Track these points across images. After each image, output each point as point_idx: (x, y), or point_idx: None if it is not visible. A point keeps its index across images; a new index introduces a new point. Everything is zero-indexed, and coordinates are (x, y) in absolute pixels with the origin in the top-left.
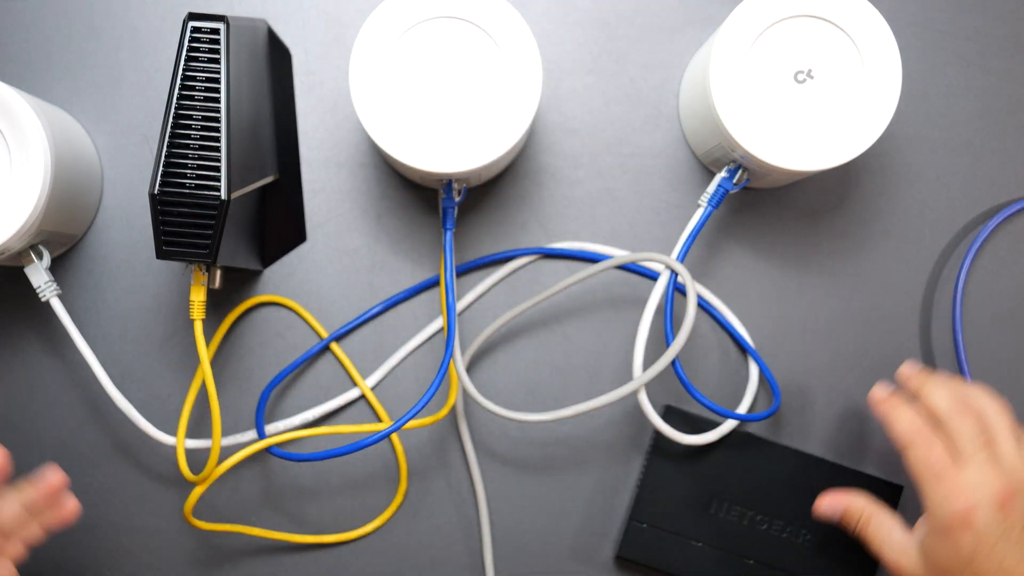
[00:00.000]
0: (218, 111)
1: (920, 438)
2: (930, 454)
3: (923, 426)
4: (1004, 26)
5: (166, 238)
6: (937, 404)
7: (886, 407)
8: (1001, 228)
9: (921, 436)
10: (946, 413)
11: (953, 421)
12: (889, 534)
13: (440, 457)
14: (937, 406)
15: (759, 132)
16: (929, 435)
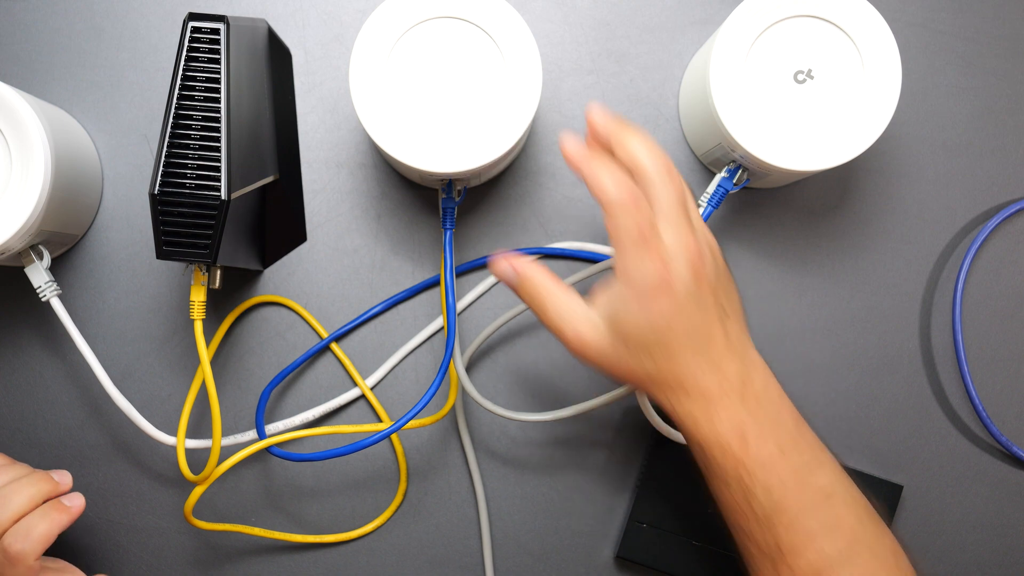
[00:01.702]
0: (218, 111)
1: (631, 202)
2: (640, 219)
3: (633, 188)
4: (1004, 26)
5: (166, 238)
6: (643, 164)
7: (587, 164)
8: (1001, 228)
9: (631, 198)
10: (651, 174)
11: (657, 185)
12: (570, 308)
13: (440, 457)
14: (643, 166)
15: (759, 132)
16: (639, 199)
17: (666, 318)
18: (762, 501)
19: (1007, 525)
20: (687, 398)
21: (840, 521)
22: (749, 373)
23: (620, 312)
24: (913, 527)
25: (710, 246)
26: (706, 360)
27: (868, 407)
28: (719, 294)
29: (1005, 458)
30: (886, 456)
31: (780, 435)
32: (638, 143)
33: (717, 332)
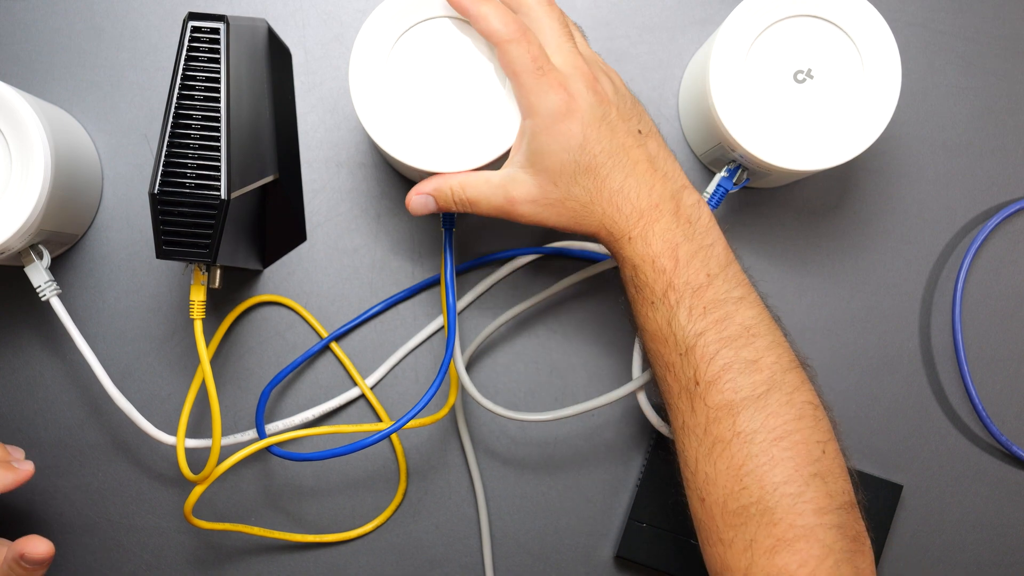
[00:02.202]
0: (218, 111)
1: (520, 34)
2: (531, 49)
3: (520, 22)
4: (1004, 26)
5: (166, 238)
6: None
7: (472, 5)
8: (1001, 228)
9: (520, 32)
10: (531, 5)
11: (539, 16)
12: (486, 182)
13: (440, 457)
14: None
15: (759, 132)
16: (527, 30)
17: (578, 138)
18: (684, 326)
19: (1007, 525)
20: (621, 217)
21: (759, 360)
22: (679, 192)
23: (535, 150)
24: (913, 527)
25: (606, 72)
26: (635, 179)
27: (868, 407)
28: (628, 115)
29: (1005, 458)
30: (886, 456)
31: (710, 261)
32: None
33: (637, 152)
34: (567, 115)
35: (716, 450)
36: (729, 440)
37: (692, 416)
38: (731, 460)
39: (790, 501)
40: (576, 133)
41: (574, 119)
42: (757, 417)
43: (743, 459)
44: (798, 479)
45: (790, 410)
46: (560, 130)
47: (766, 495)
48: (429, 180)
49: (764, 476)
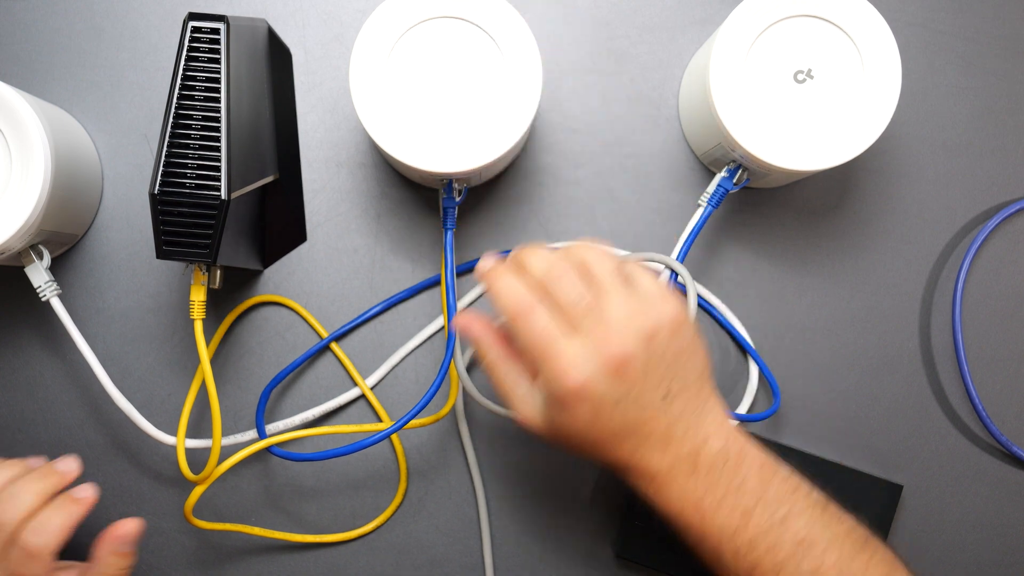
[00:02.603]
0: (218, 111)
1: (524, 309)
2: (536, 325)
3: (528, 296)
4: (1004, 26)
5: (166, 238)
6: (536, 268)
7: (491, 277)
8: (1001, 228)
9: (525, 307)
10: (546, 276)
11: (554, 284)
12: (516, 386)
13: (440, 457)
14: (536, 269)
15: (759, 132)
16: (533, 305)
17: (588, 422)
18: (734, 564)
19: (1007, 525)
20: (636, 478)
21: (821, 565)
22: (701, 445)
23: (548, 410)
24: (913, 527)
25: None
26: (647, 448)
27: (868, 407)
28: (655, 383)
29: (1005, 458)
30: (886, 456)
31: (743, 499)
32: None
33: (653, 424)
34: (575, 400)
35: None
36: None
37: None
38: None
39: None
40: (586, 417)
41: (583, 404)
42: None
43: None
44: None
45: None
46: (569, 411)
47: None
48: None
49: None
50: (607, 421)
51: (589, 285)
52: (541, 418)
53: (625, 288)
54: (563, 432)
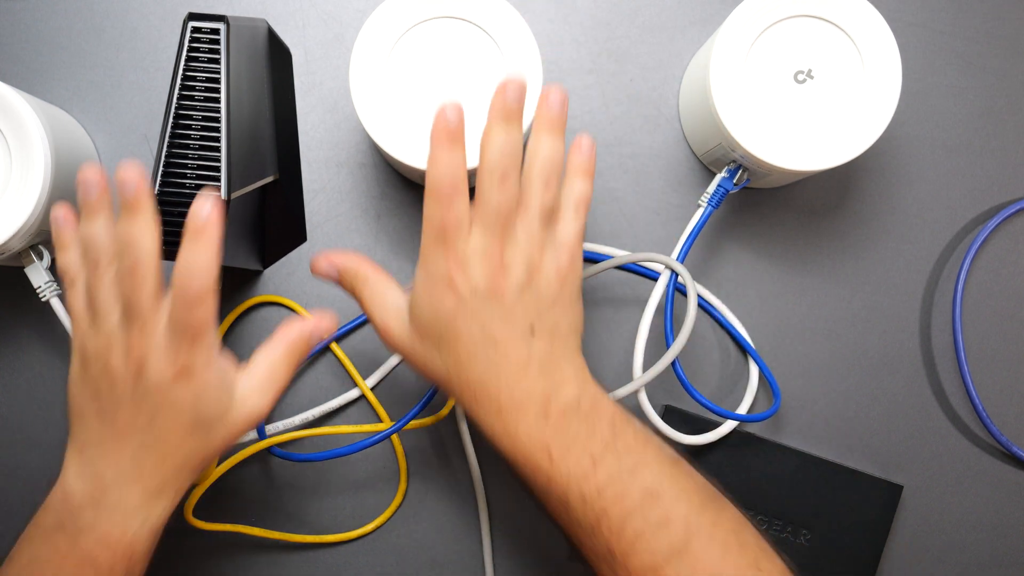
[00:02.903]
0: (218, 111)
1: (447, 195)
2: (447, 215)
3: (456, 183)
4: (1004, 26)
5: (166, 238)
6: (491, 151)
7: (441, 140)
8: (1001, 228)
9: (449, 193)
10: (492, 167)
11: (493, 181)
12: (383, 296)
13: (440, 457)
14: (490, 153)
15: (759, 132)
16: (456, 196)
17: (450, 314)
18: (582, 510)
19: (1007, 525)
20: (481, 409)
21: (669, 516)
22: (555, 389)
23: (414, 297)
24: (913, 527)
25: (558, 269)
26: (499, 371)
27: (868, 407)
28: (532, 316)
29: (1005, 458)
30: (886, 456)
31: (592, 446)
32: (495, 132)
33: (515, 347)
34: (447, 289)
35: None
36: None
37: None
38: None
39: None
40: (449, 308)
41: (452, 296)
42: (683, 569)
43: None
44: None
45: (713, 549)
46: (436, 297)
47: None
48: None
49: None
50: (466, 322)
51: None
52: (405, 322)
53: (541, 223)
54: (421, 326)
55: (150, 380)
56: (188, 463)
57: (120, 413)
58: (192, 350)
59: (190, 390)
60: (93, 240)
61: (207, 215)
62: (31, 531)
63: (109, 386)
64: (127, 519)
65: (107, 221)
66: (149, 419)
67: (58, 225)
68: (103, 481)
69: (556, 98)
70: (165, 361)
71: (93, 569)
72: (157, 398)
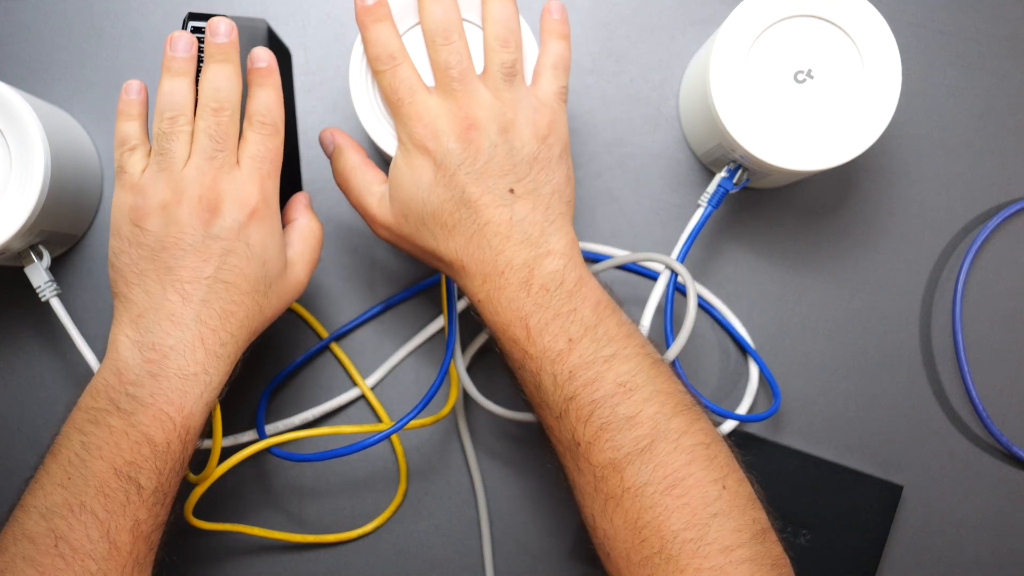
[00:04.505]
0: None
1: (388, 63)
2: (399, 75)
3: (395, 50)
4: (1004, 26)
5: None
6: (431, 17)
7: (365, 17)
8: (1001, 228)
9: (390, 61)
10: (435, 33)
11: (440, 46)
12: (365, 180)
13: (440, 457)
14: (431, 20)
15: (759, 132)
16: (398, 60)
17: (428, 181)
18: (552, 392)
19: (1007, 525)
20: (468, 278)
21: (638, 413)
22: (538, 259)
23: (395, 177)
24: (913, 527)
25: (535, 127)
26: (482, 239)
27: (868, 407)
28: (502, 170)
29: (1005, 458)
30: (886, 456)
31: (570, 326)
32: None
33: (492, 211)
34: (423, 150)
35: (609, 507)
36: (620, 496)
37: (580, 475)
38: (625, 516)
39: (693, 546)
40: (427, 172)
41: (428, 161)
42: (644, 470)
43: (637, 513)
44: (697, 523)
45: (678, 456)
46: (414, 163)
47: (667, 544)
48: (348, 137)
49: (661, 526)
50: (446, 186)
51: (469, 56)
52: (387, 204)
53: (506, 82)
54: (404, 203)
55: (225, 219)
56: (249, 322)
57: (186, 264)
58: (264, 186)
59: (261, 231)
60: (177, 94)
61: (268, 57)
62: (78, 416)
63: (177, 236)
64: (187, 388)
65: (191, 81)
66: (218, 265)
67: (130, 93)
68: (163, 348)
69: None
70: (240, 198)
71: (151, 448)
72: (230, 239)
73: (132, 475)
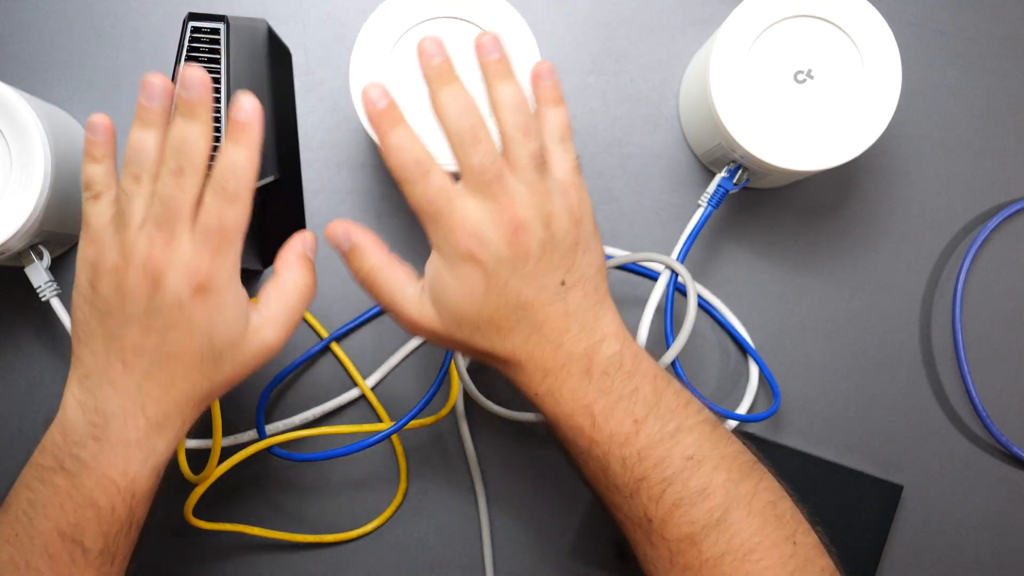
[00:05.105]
0: (218, 111)
1: (417, 171)
2: (432, 186)
3: (421, 156)
4: (1004, 26)
5: None
6: (451, 114)
7: (381, 126)
8: (1001, 228)
9: (418, 169)
10: (460, 132)
11: (467, 146)
12: (397, 284)
13: (440, 457)
14: (451, 117)
15: (759, 132)
16: (427, 166)
17: (481, 292)
18: (621, 475)
19: (1007, 525)
20: (526, 374)
21: (709, 484)
22: (596, 346)
23: (439, 287)
24: (913, 527)
25: (570, 211)
26: (541, 337)
27: (868, 407)
28: (553, 266)
29: (1005, 458)
30: (886, 456)
31: (635, 407)
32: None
33: (549, 309)
34: (470, 264)
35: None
36: (698, 568)
37: (653, 549)
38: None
39: None
40: (479, 286)
41: (478, 270)
42: (721, 540)
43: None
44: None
45: (752, 521)
46: (462, 273)
47: None
48: (364, 231)
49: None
50: (500, 294)
51: (505, 145)
52: (432, 311)
53: (538, 173)
54: (456, 314)
55: (167, 294)
56: (195, 394)
57: (129, 333)
58: (216, 261)
59: (207, 308)
60: (144, 149)
61: (252, 109)
62: (28, 473)
63: (120, 303)
64: (129, 454)
65: (162, 133)
66: (160, 339)
67: (96, 133)
68: (105, 413)
69: (487, 41)
70: (186, 273)
71: (94, 511)
72: (171, 315)
73: (76, 537)
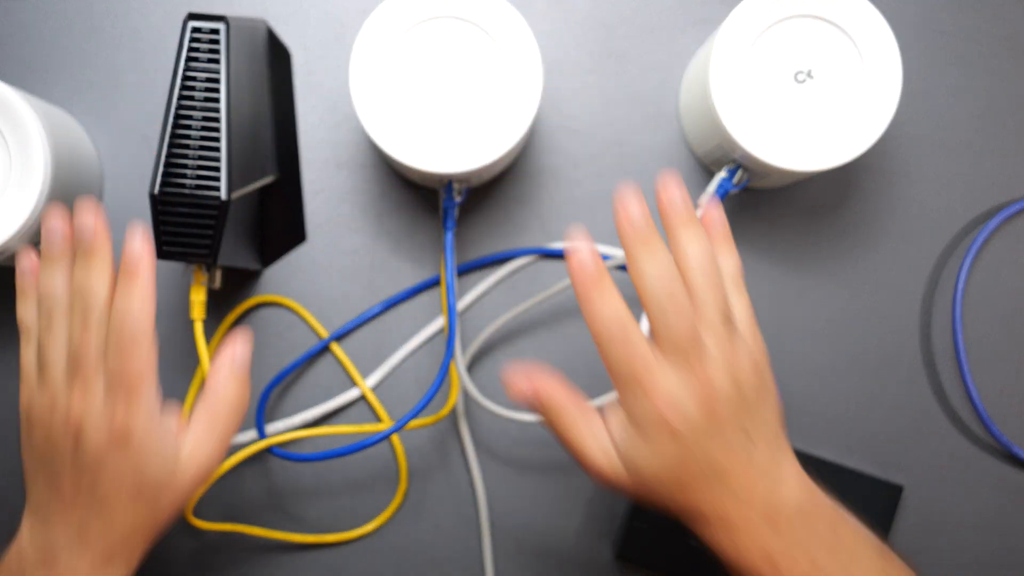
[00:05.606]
0: (218, 111)
1: (619, 337)
2: (631, 355)
3: (626, 320)
4: (1004, 26)
5: (166, 238)
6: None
7: (587, 286)
8: (1001, 228)
9: (621, 335)
10: (656, 300)
11: (660, 319)
12: (586, 433)
13: (440, 457)
14: (650, 281)
15: (759, 132)
16: (631, 335)
17: (673, 456)
18: None
19: (1007, 525)
20: (709, 526)
21: None
22: (779, 494)
23: (629, 449)
24: (913, 527)
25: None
26: (726, 491)
27: (868, 407)
28: (745, 422)
29: (1005, 458)
30: (886, 456)
31: (813, 549)
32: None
33: (742, 467)
34: (664, 433)
35: None
36: None
37: None
38: None
39: None
40: (672, 453)
41: (671, 439)
42: None
43: None
44: None
45: None
46: (654, 438)
47: None
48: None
49: None
50: (693, 461)
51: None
52: (619, 465)
53: (725, 327)
54: (645, 473)
55: (87, 446)
56: (137, 532)
57: (64, 481)
58: (129, 408)
59: (128, 456)
60: (50, 292)
61: (139, 250)
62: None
63: (51, 453)
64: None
65: (67, 273)
66: (90, 488)
67: (21, 272)
68: (54, 546)
69: (675, 194)
70: (101, 424)
71: None
72: (95, 466)
73: None
